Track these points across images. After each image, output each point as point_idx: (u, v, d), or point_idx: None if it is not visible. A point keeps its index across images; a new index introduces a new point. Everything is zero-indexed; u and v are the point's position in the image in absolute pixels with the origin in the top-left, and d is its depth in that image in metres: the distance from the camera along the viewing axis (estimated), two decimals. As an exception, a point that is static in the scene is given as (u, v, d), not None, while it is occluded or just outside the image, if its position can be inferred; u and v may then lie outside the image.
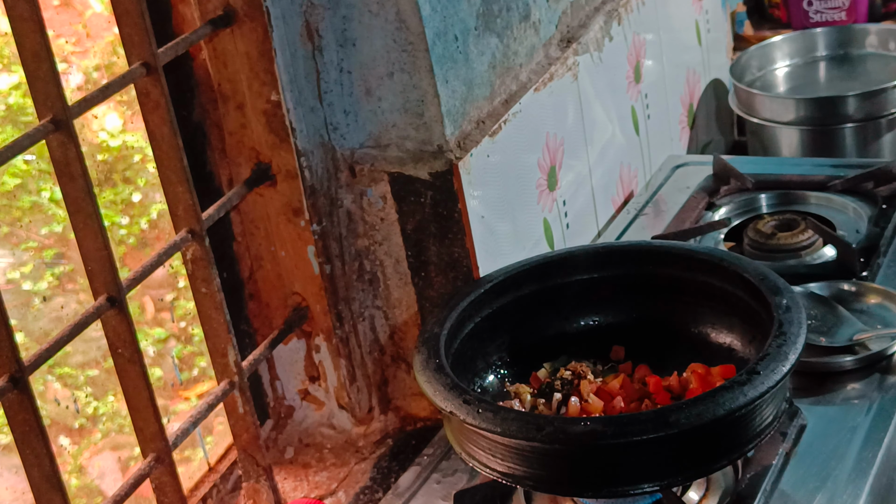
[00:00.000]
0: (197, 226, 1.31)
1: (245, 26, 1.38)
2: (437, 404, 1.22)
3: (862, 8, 2.41)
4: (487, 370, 1.39)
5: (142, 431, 1.26)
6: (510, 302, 1.41)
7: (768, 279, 1.30)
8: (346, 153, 1.47)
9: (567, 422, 1.18)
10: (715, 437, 1.17)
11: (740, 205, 1.86)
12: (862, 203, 1.79)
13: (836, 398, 1.43)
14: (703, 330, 1.39)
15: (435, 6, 1.40)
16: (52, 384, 1.65)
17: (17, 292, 1.59)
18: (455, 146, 1.45)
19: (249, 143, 1.43)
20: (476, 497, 1.31)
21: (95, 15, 1.64)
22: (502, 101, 1.56)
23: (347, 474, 1.51)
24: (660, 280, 1.41)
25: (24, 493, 1.30)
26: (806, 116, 2.10)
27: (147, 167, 1.68)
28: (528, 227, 1.61)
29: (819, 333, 1.50)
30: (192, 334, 1.72)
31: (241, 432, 1.40)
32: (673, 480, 1.19)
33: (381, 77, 1.42)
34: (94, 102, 1.20)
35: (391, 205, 1.47)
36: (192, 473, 1.50)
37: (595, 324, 1.44)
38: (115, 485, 1.26)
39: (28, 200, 1.62)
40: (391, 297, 1.52)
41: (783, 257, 1.70)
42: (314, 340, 1.53)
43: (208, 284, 1.33)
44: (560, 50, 1.71)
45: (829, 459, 1.32)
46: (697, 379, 1.29)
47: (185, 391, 1.72)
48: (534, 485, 1.22)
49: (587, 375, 1.36)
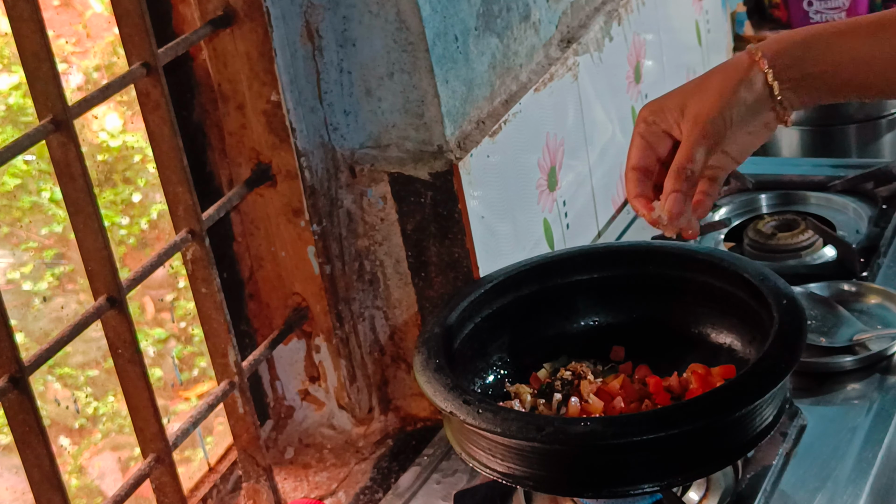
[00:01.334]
0: (197, 226, 1.31)
1: (245, 26, 1.38)
2: (437, 404, 1.22)
3: (862, 8, 2.41)
4: (487, 370, 1.39)
5: (142, 432, 1.26)
6: (510, 302, 1.41)
7: (768, 279, 1.30)
8: (347, 153, 1.47)
9: (567, 422, 1.18)
10: (715, 437, 1.17)
11: (740, 205, 1.86)
12: (862, 203, 1.79)
13: (837, 398, 1.43)
14: (703, 330, 1.39)
15: (435, 6, 1.40)
16: (52, 384, 1.65)
17: (18, 292, 1.59)
18: (455, 146, 1.45)
19: (249, 143, 1.43)
20: (476, 497, 1.31)
21: (95, 15, 1.64)
22: (502, 101, 1.56)
23: (347, 474, 1.51)
24: (660, 280, 1.41)
25: (24, 493, 1.30)
26: (806, 116, 2.10)
27: (147, 167, 1.68)
28: (528, 228, 1.61)
29: (819, 334, 1.50)
30: (193, 334, 1.72)
31: (242, 432, 1.40)
32: (673, 481, 1.19)
33: (382, 77, 1.42)
34: (95, 103, 1.20)
35: (391, 205, 1.47)
36: (193, 474, 1.50)
37: (595, 324, 1.44)
38: (115, 485, 1.26)
39: (28, 201, 1.62)
40: (391, 297, 1.52)
41: (783, 257, 1.70)
42: (314, 341, 1.53)
43: (208, 285, 1.33)
44: (560, 50, 1.71)
45: (829, 460, 1.32)
46: (697, 379, 1.29)
47: (186, 391, 1.72)
48: (534, 485, 1.22)
49: (587, 376, 1.36)
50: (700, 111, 1.18)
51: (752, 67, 1.18)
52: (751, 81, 1.18)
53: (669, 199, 1.19)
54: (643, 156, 1.23)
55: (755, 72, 1.17)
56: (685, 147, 1.19)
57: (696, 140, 1.18)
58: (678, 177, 1.19)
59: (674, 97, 1.22)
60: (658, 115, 1.22)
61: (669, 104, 1.21)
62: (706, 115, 1.18)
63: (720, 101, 1.18)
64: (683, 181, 1.18)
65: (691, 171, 1.18)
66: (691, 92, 1.21)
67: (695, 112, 1.19)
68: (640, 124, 1.24)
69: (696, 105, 1.19)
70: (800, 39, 1.17)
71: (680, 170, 1.19)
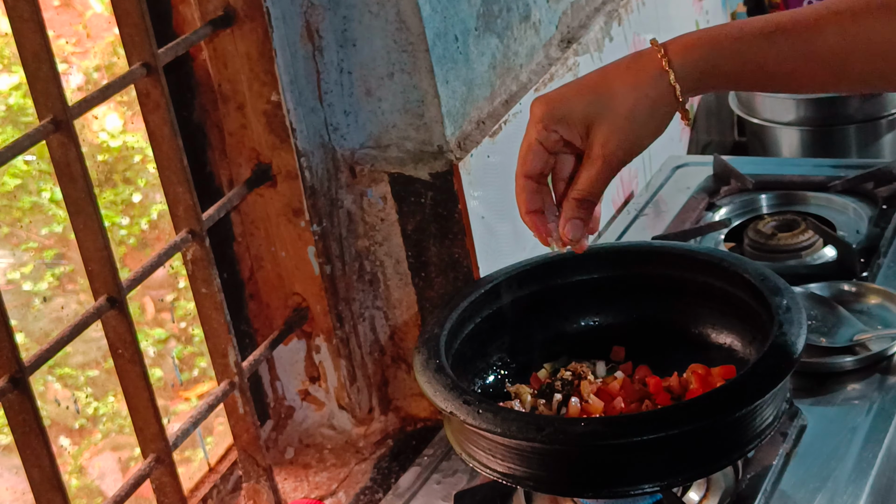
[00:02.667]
0: (197, 226, 1.31)
1: (245, 27, 1.38)
2: (437, 405, 1.22)
3: (862, 8, 2.40)
4: (487, 370, 1.39)
5: (142, 432, 1.26)
6: (510, 302, 1.40)
7: (769, 280, 1.30)
8: (347, 154, 1.47)
9: (567, 422, 1.18)
10: (715, 437, 1.17)
11: (740, 205, 1.86)
12: (862, 203, 1.79)
13: (837, 399, 1.43)
14: (703, 330, 1.39)
15: (435, 7, 1.40)
16: (52, 385, 1.65)
17: (18, 293, 1.59)
18: (455, 146, 1.45)
19: (250, 143, 1.43)
20: (476, 497, 1.31)
21: (96, 15, 1.64)
22: (502, 101, 1.56)
23: (348, 475, 1.51)
24: (660, 280, 1.41)
25: (25, 493, 1.30)
26: (806, 117, 2.10)
27: (147, 168, 1.68)
28: (528, 228, 1.61)
29: (819, 334, 1.50)
30: (193, 335, 1.72)
31: (242, 433, 1.40)
32: (673, 481, 1.19)
33: (382, 77, 1.42)
34: (95, 103, 1.20)
35: (391, 205, 1.47)
36: (193, 474, 1.50)
37: (595, 324, 1.44)
38: (116, 485, 1.27)
39: (28, 201, 1.62)
40: (391, 297, 1.52)
41: (783, 258, 1.70)
42: (314, 341, 1.53)
43: (208, 285, 1.33)
44: (560, 50, 1.71)
45: (829, 460, 1.32)
46: (698, 379, 1.29)
47: (186, 392, 1.72)
48: (534, 485, 1.22)
49: (587, 376, 1.36)
50: (609, 138, 1.13)
51: (661, 75, 1.12)
52: (659, 88, 1.13)
53: (569, 226, 1.16)
54: (537, 163, 1.17)
55: (662, 77, 1.13)
56: (589, 177, 1.15)
57: (601, 172, 1.14)
58: (579, 206, 1.16)
59: (577, 105, 1.15)
60: (560, 124, 1.15)
61: (573, 116, 1.15)
62: (615, 144, 1.13)
63: (630, 124, 1.13)
64: (584, 210, 1.16)
65: (591, 201, 1.16)
66: (597, 102, 1.14)
67: (603, 138, 1.13)
68: (536, 126, 1.16)
69: (604, 128, 1.14)
70: (705, 43, 1.13)
71: (581, 200, 1.16)
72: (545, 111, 1.16)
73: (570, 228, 1.17)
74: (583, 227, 1.18)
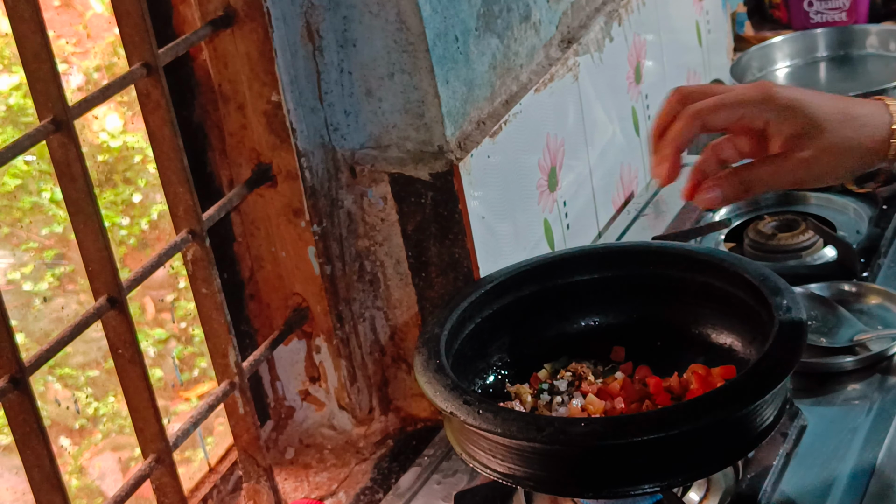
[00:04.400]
0: (197, 226, 1.31)
1: (245, 27, 1.38)
2: (437, 405, 1.22)
3: (862, 8, 2.41)
4: (488, 371, 1.39)
5: (142, 432, 1.26)
6: (511, 303, 1.41)
7: (769, 280, 1.30)
8: (347, 154, 1.47)
9: (567, 422, 1.18)
10: (715, 438, 1.17)
11: (740, 205, 1.86)
12: (862, 203, 1.79)
13: (837, 399, 1.43)
14: (703, 331, 1.39)
15: (435, 7, 1.40)
16: (52, 385, 1.65)
17: (18, 293, 1.59)
18: (455, 147, 1.45)
19: (250, 143, 1.43)
20: (476, 498, 1.31)
21: (96, 16, 1.64)
22: (503, 101, 1.56)
23: (348, 475, 1.51)
24: (660, 280, 1.41)
25: (25, 493, 1.30)
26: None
27: (147, 168, 1.68)
28: (528, 228, 1.61)
29: (820, 334, 1.50)
30: (193, 335, 1.72)
31: (242, 433, 1.40)
32: (673, 481, 1.19)
33: (382, 78, 1.42)
34: (95, 103, 1.20)
35: (392, 205, 1.47)
36: (193, 474, 1.50)
37: (595, 324, 1.44)
38: (116, 485, 1.27)
39: (28, 201, 1.62)
40: (392, 297, 1.52)
41: (784, 258, 1.70)
42: (315, 341, 1.53)
43: (209, 285, 1.33)
44: (560, 50, 1.71)
45: (829, 460, 1.32)
46: (698, 380, 1.29)
47: (186, 392, 1.72)
48: (534, 485, 1.22)
49: (587, 376, 1.36)
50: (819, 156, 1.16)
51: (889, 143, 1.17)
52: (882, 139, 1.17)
53: (712, 194, 1.18)
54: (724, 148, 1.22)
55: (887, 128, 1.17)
56: (772, 172, 1.17)
57: (783, 177, 1.17)
58: (740, 184, 1.18)
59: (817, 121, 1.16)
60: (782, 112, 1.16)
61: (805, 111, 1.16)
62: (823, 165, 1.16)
63: (839, 159, 1.17)
64: (741, 191, 1.18)
65: (755, 191, 1.18)
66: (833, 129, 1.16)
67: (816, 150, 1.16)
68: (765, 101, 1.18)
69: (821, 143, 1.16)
70: None
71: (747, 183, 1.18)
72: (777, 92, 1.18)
73: (712, 198, 1.18)
74: (721, 202, 1.19)
